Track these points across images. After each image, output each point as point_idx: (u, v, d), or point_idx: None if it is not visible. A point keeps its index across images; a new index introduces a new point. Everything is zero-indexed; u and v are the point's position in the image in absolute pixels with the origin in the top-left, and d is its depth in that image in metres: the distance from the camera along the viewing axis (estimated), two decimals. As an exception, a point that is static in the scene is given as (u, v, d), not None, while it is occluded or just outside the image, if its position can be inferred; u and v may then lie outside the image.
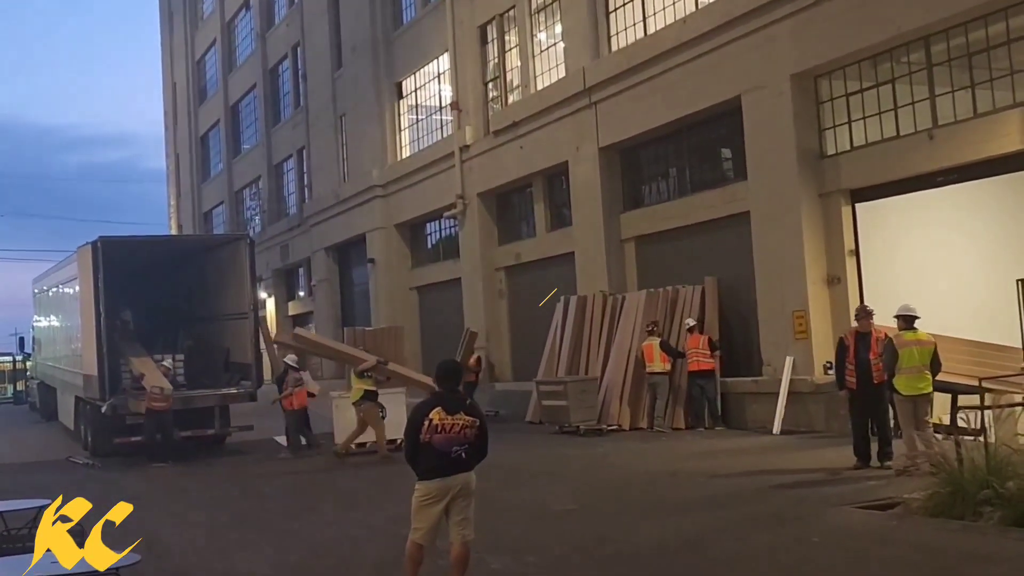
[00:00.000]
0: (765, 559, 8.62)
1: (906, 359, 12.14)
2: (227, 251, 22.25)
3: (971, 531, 8.94)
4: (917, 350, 12.12)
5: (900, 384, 12.18)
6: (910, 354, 12.14)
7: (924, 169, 15.61)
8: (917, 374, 12.12)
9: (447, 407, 7.43)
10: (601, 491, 12.71)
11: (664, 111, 20.10)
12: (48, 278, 27.77)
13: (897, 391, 12.24)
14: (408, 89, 31.65)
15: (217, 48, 49.30)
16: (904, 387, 12.17)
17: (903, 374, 12.16)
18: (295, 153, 40.36)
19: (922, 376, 12.14)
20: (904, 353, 12.15)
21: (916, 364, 12.11)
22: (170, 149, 58.10)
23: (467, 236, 27.50)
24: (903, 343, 12.22)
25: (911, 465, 11.58)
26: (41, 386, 31.88)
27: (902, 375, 12.17)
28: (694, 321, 18.53)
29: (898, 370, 12.19)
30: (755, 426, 17.58)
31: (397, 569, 7.86)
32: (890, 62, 16.20)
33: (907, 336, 12.28)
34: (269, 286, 41.48)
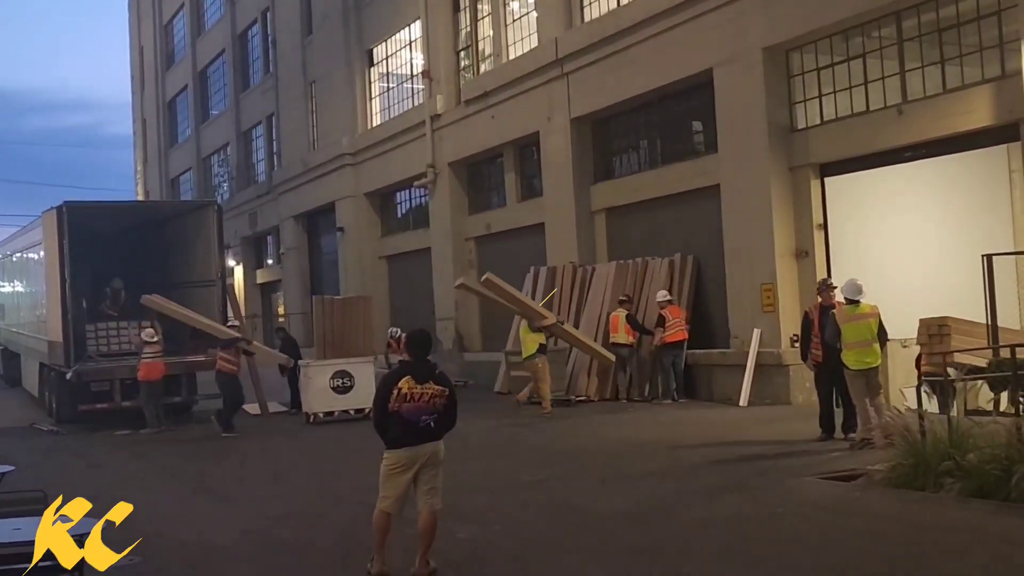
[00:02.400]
0: (730, 529, 8.71)
1: (850, 333, 12.22)
2: (195, 218, 22.05)
3: (932, 502, 9.08)
4: (862, 324, 12.20)
5: (848, 359, 12.26)
6: (854, 328, 12.21)
7: (893, 144, 15.70)
8: (865, 347, 12.20)
9: (416, 376, 7.42)
10: (568, 461, 12.78)
11: (636, 83, 20.06)
12: (12, 243, 27.42)
13: (847, 366, 12.32)
14: (379, 57, 31.37)
15: (185, 12, 48.61)
16: (852, 362, 12.25)
17: (850, 349, 12.23)
18: (264, 120, 39.97)
19: (870, 349, 12.21)
20: (847, 328, 12.22)
21: (863, 337, 12.19)
22: (137, 114, 57.35)
23: (437, 205, 27.40)
24: (845, 318, 12.30)
25: (867, 437, 11.76)
26: (4, 352, 31.51)
27: (850, 350, 12.23)
28: (669, 294, 18.51)
29: (845, 345, 12.25)
30: (722, 398, 17.72)
31: (364, 536, 7.88)
32: (861, 36, 16.24)
33: (848, 311, 12.34)
34: (237, 254, 41.18)
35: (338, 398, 18.35)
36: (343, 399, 18.37)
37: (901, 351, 15.31)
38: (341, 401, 18.38)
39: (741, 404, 16.91)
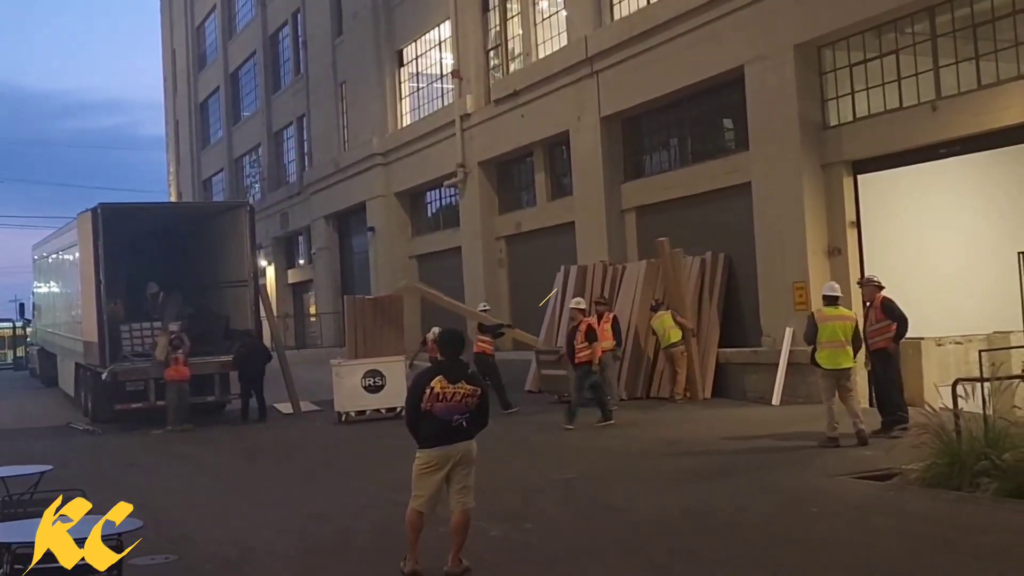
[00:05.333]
0: (764, 528, 8.66)
1: (826, 333, 12.52)
2: (227, 218, 22.22)
3: (967, 502, 8.99)
4: (838, 325, 12.51)
5: (821, 358, 12.56)
6: (831, 329, 12.51)
7: (927, 141, 15.56)
8: (839, 348, 12.46)
9: (449, 376, 7.44)
10: (601, 460, 12.75)
11: (666, 81, 20.00)
12: (48, 244, 27.75)
13: (818, 365, 12.59)
14: (409, 57, 31.47)
15: (217, 14, 48.97)
16: (825, 361, 12.53)
17: (824, 348, 12.53)
18: (295, 120, 40.20)
19: (843, 351, 12.47)
20: (824, 328, 12.53)
21: (838, 339, 12.46)
22: (169, 116, 57.84)
23: (467, 205, 27.44)
24: (823, 318, 12.64)
25: (833, 436, 12.12)
26: (41, 352, 31.93)
27: (823, 349, 12.53)
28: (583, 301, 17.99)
29: (819, 345, 12.54)
30: (754, 397, 17.61)
31: (397, 535, 7.91)
32: (894, 32, 16.10)
33: (827, 311, 12.70)
34: (269, 254, 41.45)
35: (370, 397, 18.44)
36: (375, 398, 18.45)
37: (935, 349, 15.18)
38: (373, 400, 18.46)
39: (774, 403, 16.80)
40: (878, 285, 13.25)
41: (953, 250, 16.71)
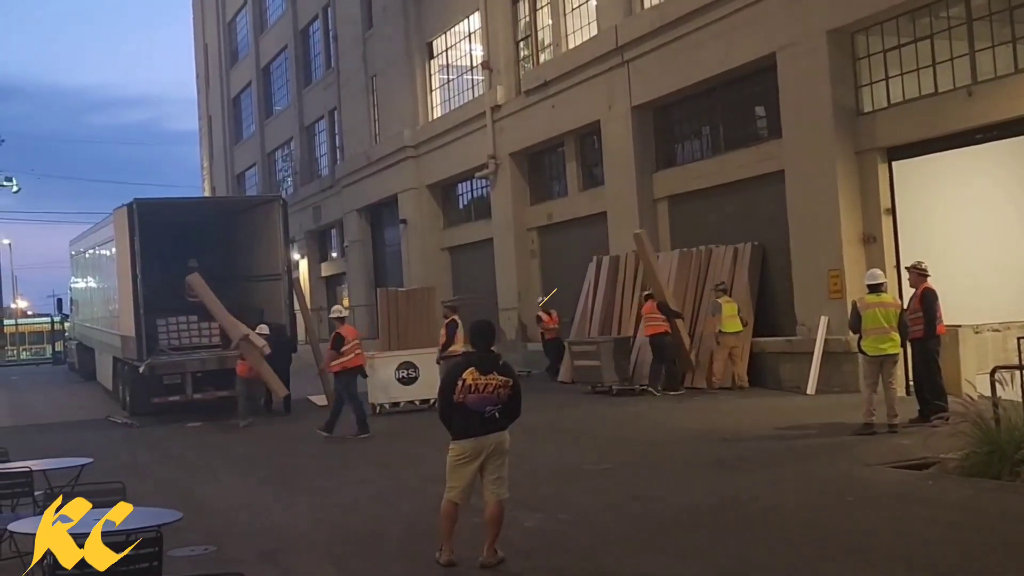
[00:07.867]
0: (801, 518, 8.62)
1: (870, 320, 12.62)
2: (260, 212, 22.36)
3: (1008, 491, 8.90)
4: (881, 312, 12.59)
5: (865, 345, 12.70)
6: (873, 315, 12.61)
7: (963, 126, 15.35)
8: (882, 334, 12.53)
9: (480, 367, 7.46)
10: (634, 450, 12.74)
11: (697, 69, 19.87)
12: (85, 240, 28.05)
13: (863, 352, 12.71)
14: (439, 49, 31.49)
15: (248, 9, 49.23)
16: (869, 348, 12.66)
17: (868, 335, 12.62)
18: (327, 114, 40.36)
19: (887, 337, 12.55)
20: (867, 315, 12.65)
21: (881, 325, 12.53)
22: (202, 111, 58.25)
23: (499, 196, 27.44)
24: (866, 305, 12.73)
25: (869, 422, 12.22)
26: (79, 347, 32.31)
27: (867, 336, 12.63)
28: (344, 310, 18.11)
29: (864, 332, 12.64)
30: (789, 386, 17.51)
31: (432, 526, 7.95)
32: (928, 17, 15.90)
33: (870, 298, 12.77)
34: (302, 247, 41.67)
35: (403, 389, 18.53)
36: (408, 390, 18.55)
37: (973, 336, 15.02)
38: (406, 392, 18.55)
39: (808, 392, 16.70)
40: (921, 272, 13.18)
41: (990, 237, 16.50)
